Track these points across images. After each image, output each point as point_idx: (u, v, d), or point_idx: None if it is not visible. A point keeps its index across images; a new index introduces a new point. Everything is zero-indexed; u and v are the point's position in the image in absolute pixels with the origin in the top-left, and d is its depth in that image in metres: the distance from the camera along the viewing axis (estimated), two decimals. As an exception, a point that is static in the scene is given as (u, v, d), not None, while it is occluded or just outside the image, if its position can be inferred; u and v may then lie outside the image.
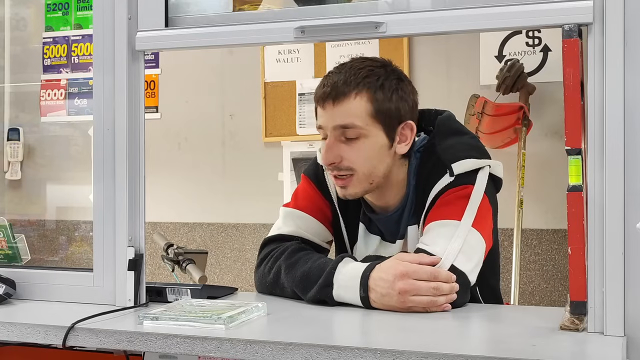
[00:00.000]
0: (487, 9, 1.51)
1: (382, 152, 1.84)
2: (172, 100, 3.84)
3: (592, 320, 1.41)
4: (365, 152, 1.82)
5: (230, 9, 1.75)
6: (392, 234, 1.93)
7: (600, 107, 1.41)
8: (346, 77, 1.82)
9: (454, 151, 1.83)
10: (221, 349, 1.40)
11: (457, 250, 1.68)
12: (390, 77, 1.84)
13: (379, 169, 1.84)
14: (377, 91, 1.81)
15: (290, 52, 3.61)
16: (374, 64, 1.86)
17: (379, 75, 1.83)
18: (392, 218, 1.92)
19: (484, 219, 1.77)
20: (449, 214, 1.75)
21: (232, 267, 3.72)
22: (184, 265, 2.06)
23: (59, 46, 3.89)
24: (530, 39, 3.24)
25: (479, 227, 1.74)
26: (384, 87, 1.81)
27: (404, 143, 1.86)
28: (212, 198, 3.79)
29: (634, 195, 1.39)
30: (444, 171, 1.80)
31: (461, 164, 1.80)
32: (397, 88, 1.84)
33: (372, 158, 1.83)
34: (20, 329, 1.56)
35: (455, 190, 1.78)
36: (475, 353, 1.28)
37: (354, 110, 1.80)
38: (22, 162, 3.98)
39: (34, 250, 3.42)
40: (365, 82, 1.81)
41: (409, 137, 1.86)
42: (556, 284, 3.21)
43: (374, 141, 1.82)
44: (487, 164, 1.82)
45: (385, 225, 1.94)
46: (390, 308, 1.64)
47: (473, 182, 1.78)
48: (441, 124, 1.92)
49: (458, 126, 1.97)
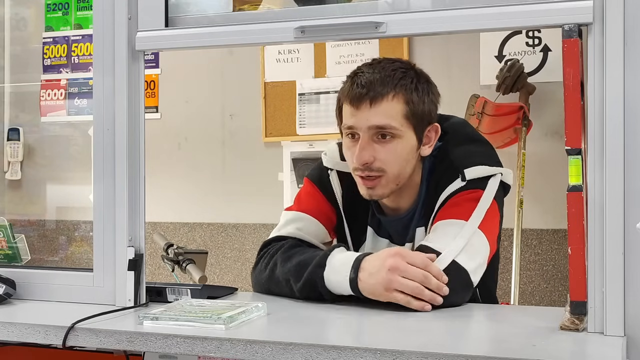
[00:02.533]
0: (487, 9, 1.51)
1: (411, 153, 1.85)
2: (172, 100, 3.84)
3: (592, 320, 1.41)
4: (397, 153, 1.82)
5: (230, 9, 1.75)
6: (401, 237, 1.93)
7: (600, 107, 1.41)
8: (382, 78, 1.81)
9: (468, 157, 1.84)
10: (221, 349, 1.40)
11: (460, 248, 1.68)
12: (422, 80, 1.86)
13: (406, 170, 1.85)
14: (413, 93, 1.82)
15: (290, 52, 3.61)
16: (404, 66, 1.87)
17: (411, 77, 1.84)
18: (402, 221, 1.92)
19: (491, 223, 1.77)
20: (456, 214, 1.76)
21: (232, 267, 3.71)
22: (184, 265, 2.06)
23: (59, 46, 3.89)
24: (530, 39, 3.24)
25: (485, 230, 1.74)
26: (418, 89, 1.83)
27: (427, 145, 1.88)
28: (212, 198, 3.79)
29: (634, 195, 1.39)
30: (455, 176, 1.81)
31: (474, 170, 1.81)
32: (429, 91, 1.86)
33: (403, 159, 1.84)
34: (20, 329, 1.56)
35: (466, 194, 1.79)
36: (475, 353, 1.28)
37: (390, 111, 1.80)
38: (22, 162, 3.98)
39: (34, 250, 3.42)
40: (401, 83, 1.81)
41: (433, 139, 1.89)
42: (556, 284, 3.21)
43: (406, 142, 1.83)
44: (500, 171, 1.83)
45: (395, 228, 1.94)
46: (376, 291, 1.62)
47: (484, 187, 1.79)
48: (455, 130, 1.93)
49: (472, 132, 1.98)
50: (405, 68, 1.85)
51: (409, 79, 1.83)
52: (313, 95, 3.58)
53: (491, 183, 1.80)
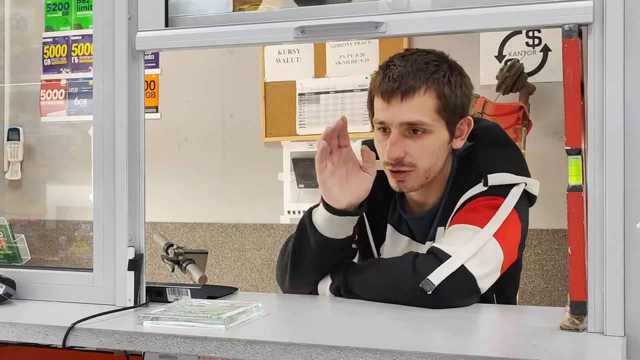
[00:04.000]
0: (487, 9, 1.51)
1: (443, 147, 1.83)
2: (172, 100, 3.83)
3: (592, 320, 1.41)
4: (429, 148, 1.80)
5: (230, 9, 1.75)
6: (423, 235, 1.91)
7: (600, 107, 1.41)
8: (414, 71, 1.78)
9: (493, 162, 1.81)
10: (221, 349, 1.40)
11: (471, 253, 1.66)
12: (455, 72, 1.83)
13: (437, 164, 1.84)
14: (445, 87, 1.79)
15: (290, 52, 3.61)
16: (438, 58, 1.83)
17: (444, 70, 1.80)
18: (426, 218, 1.90)
19: (509, 232, 1.74)
20: (472, 219, 1.73)
21: (232, 267, 3.71)
22: (184, 265, 2.06)
23: (59, 46, 3.89)
24: (530, 39, 3.24)
25: (501, 238, 1.71)
26: (450, 83, 1.80)
27: (460, 138, 1.86)
28: (212, 198, 3.79)
29: (634, 195, 1.39)
30: (478, 180, 1.79)
31: (497, 176, 1.78)
32: (462, 84, 1.83)
33: (435, 154, 1.81)
34: (20, 329, 1.56)
35: (485, 199, 1.76)
36: (476, 353, 1.28)
37: (422, 106, 1.78)
38: (22, 162, 3.98)
39: (34, 250, 3.42)
40: (433, 77, 1.78)
41: (466, 132, 1.86)
42: (556, 284, 3.21)
43: (438, 137, 1.81)
44: (524, 181, 1.80)
45: (418, 225, 1.92)
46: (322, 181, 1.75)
47: (505, 195, 1.76)
48: (486, 132, 1.91)
49: (503, 136, 1.94)
50: (438, 60, 1.82)
51: (441, 72, 1.79)
52: (313, 95, 3.58)
53: (513, 192, 1.77)
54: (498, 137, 1.93)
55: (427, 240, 1.89)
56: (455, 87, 1.80)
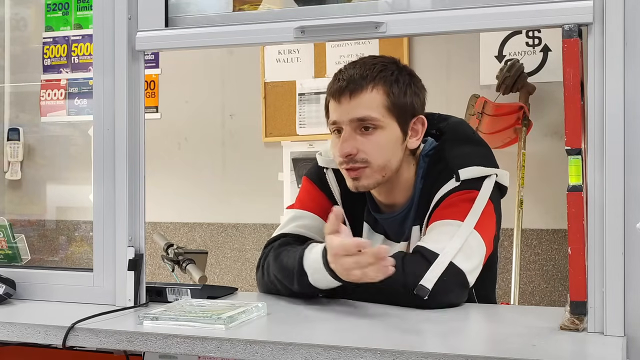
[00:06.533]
0: (487, 9, 1.51)
1: (396, 145, 1.86)
2: (172, 100, 3.84)
3: (592, 320, 1.41)
4: (381, 144, 1.83)
5: (230, 9, 1.75)
6: (396, 235, 1.94)
7: (600, 107, 1.41)
8: (362, 72, 1.83)
9: (463, 157, 1.84)
10: (221, 349, 1.40)
11: (457, 248, 1.68)
12: (403, 73, 1.87)
13: (392, 162, 1.86)
14: (393, 85, 1.83)
15: (290, 52, 3.61)
16: (385, 60, 1.89)
17: (392, 70, 1.85)
18: (397, 218, 1.93)
19: (486, 223, 1.77)
20: (451, 214, 1.76)
21: (232, 267, 3.71)
22: (184, 265, 2.06)
23: (59, 46, 3.89)
24: (530, 39, 3.24)
25: (481, 230, 1.74)
26: (398, 81, 1.84)
27: (415, 137, 1.88)
28: (212, 198, 3.79)
29: (634, 195, 1.39)
30: (450, 176, 1.81)
31: (468, 170, 1.81)
32: (410, 83, 1.87)
33: (387, 150, 1.84)
34: (20, 329, 1.56)
35: (460, 194, 1.79)
36: (475, 353, 1.28)
37: (370, 102, 1.82)
38: (22, 162, 3.98)
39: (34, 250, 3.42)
40: (380, 75, 1.83)
41: (420, 131, 1.89)
42: (556, 284, 3.21)
43: (389, 133, 1.84)
44: (495, 172, 1.83)
45: (390, 225, 1.95)
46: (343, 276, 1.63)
47: (479, 187, 1.79)
48: (452, 130, 1.94)
49: (469, 133, 1.98)
50: (386, 62, 1.87)
51: (388, 71, 1.84)
52: (313, 95, 3.59)
53: (486, 184, 1.80)
54: (465, 132, 1.96)
55: (402, 240, 1.92)
56: (403, 85, 1.85)
